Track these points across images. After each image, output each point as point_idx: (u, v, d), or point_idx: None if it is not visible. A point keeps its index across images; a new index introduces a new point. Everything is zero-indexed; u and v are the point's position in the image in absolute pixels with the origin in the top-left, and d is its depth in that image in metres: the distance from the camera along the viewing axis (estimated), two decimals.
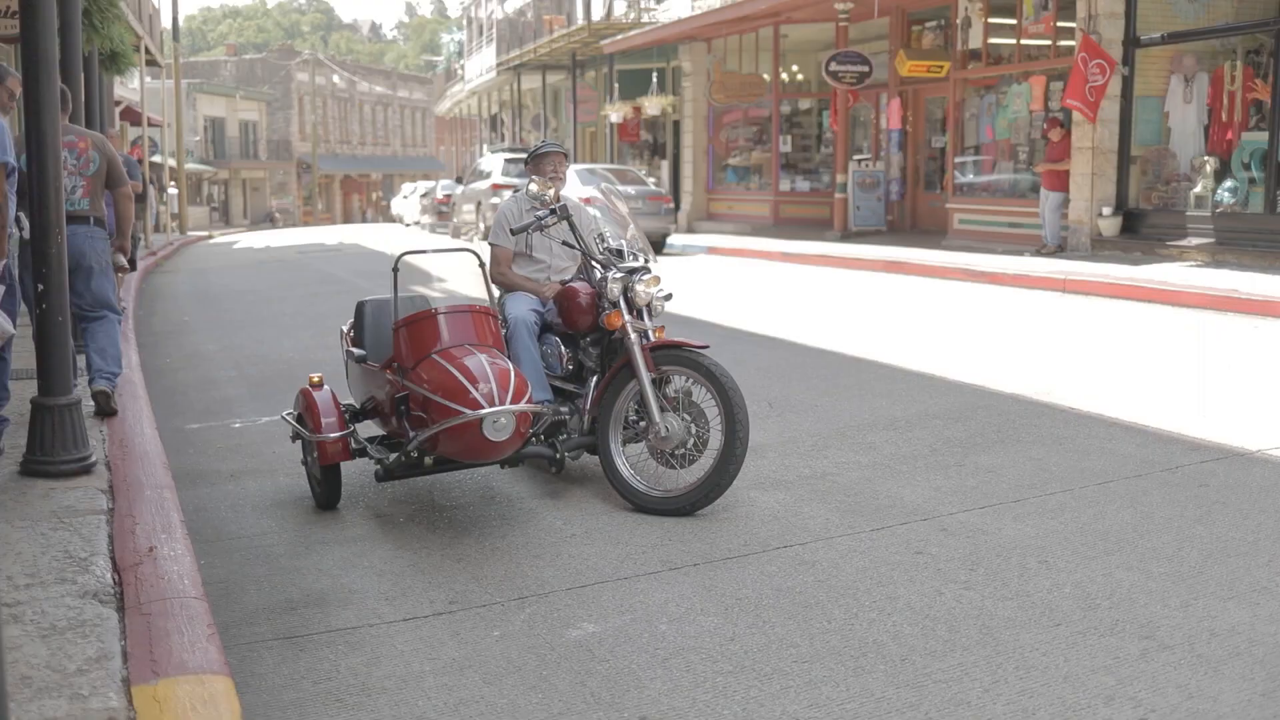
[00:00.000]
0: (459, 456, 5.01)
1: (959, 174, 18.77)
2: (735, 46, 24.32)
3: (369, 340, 5.88)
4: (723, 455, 5.11)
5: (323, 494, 5.49)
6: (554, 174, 6.14)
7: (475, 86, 43.85)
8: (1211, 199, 14.43)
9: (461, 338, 5.15)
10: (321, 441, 5.32)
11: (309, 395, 5.54)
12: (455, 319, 5.22)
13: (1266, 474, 5.47)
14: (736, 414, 5.08)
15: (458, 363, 4.94)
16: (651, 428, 5.28)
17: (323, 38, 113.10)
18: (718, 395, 5.15)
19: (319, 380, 5.61)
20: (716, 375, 5.17)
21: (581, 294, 5.71)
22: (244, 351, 10.59)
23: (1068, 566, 4.39)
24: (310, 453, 5.55)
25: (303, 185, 66.54)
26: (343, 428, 5.39)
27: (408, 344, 5.16)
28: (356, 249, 25.92)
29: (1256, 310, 10.58)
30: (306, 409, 5.51)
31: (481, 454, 4.94)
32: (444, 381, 4.89)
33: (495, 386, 4.82)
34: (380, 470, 5.20)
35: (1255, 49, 14.64)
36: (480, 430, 4.75)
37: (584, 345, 5.77)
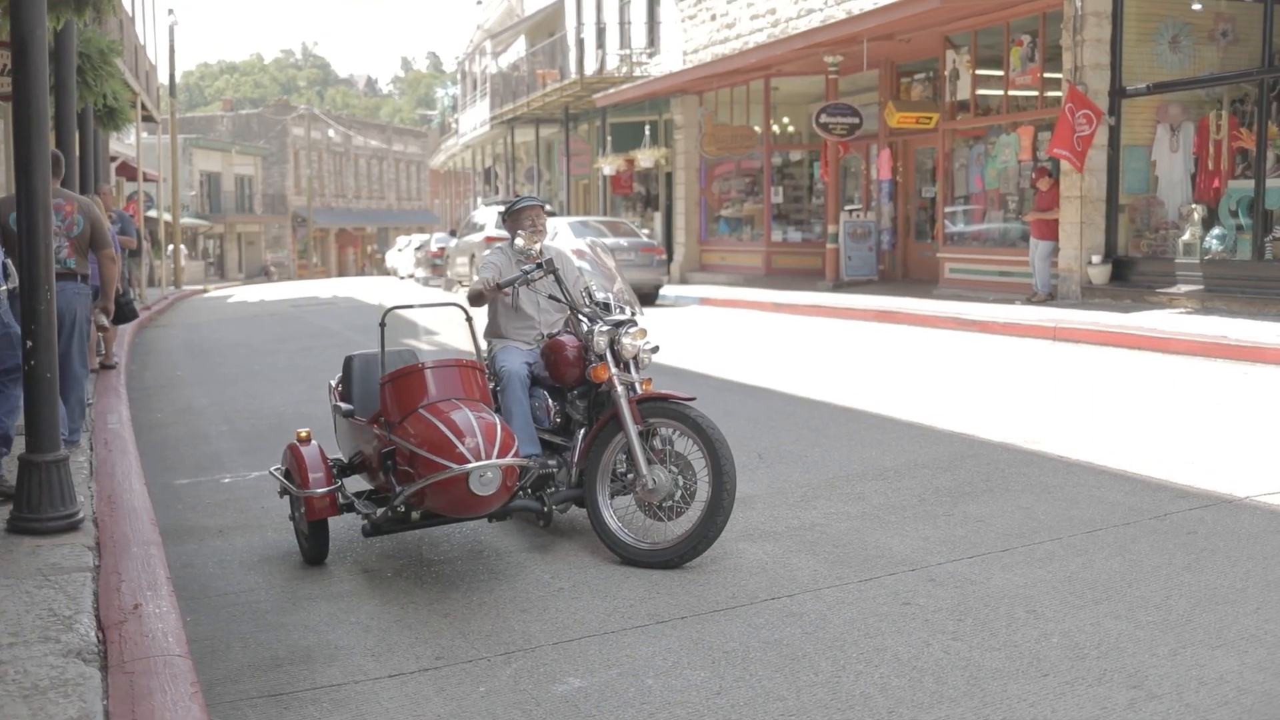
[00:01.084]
0: (446, 511, 5.00)
1: (949, 223, 18.89)
2: (726, 99, 24.54)
3: (356, 395, 5.89)
4: (710, 508, 5.10)
5: (310, 549, 5.46)
6: (533, 227, 6.17)
7: (469, 140, 44.16)
8: (1200, 246, 14.52)
9: (448, 392, 5.15)
10: (309, 497, 5.32)
11: (296, 450, 5.54)
12: (442, 373, 5.23)
13: (1255, 521, 5.47)
14: (723, 466, 5.08)
15: (444, 417, 4.94)
16: (639, 480, 5.28)
17: (319, 92, 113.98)
18: (704, 447, 5.16)
19: (307, 435, 5.61)
20: (703, 427, 5.17)
21: (568, 347, 5.73)
22: (235, 406, 10.59)
23: (1056, 616, 4.38)
24: (298, 508, 5.53)
25: (298, 239, 66.80)
26: (330, 483, 5.38)
27: (394, 399, 5.16)
28: (350, 302, 25.98)
29: (1246, 356, 10.61)
30: (294, 464, 5.50)
31: (468, 509, 4.93)
32: (430, 436, 4.88)
33: (481, 441, 4.82)
34: (367, 525, 5.18)
35: (1240, 98, 14.80)
36: (467, 485, 4.75)
37: (571, 398, 5.78)
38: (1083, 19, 15.23)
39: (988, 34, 17.70)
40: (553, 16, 36.37)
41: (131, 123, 21.69)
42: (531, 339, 6.13)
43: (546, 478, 5.59)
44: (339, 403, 5.92)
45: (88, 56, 12.59)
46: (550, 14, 36.61)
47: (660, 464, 5.31)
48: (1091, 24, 15.21)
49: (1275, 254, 13.57)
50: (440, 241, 32.48)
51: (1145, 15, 15.43)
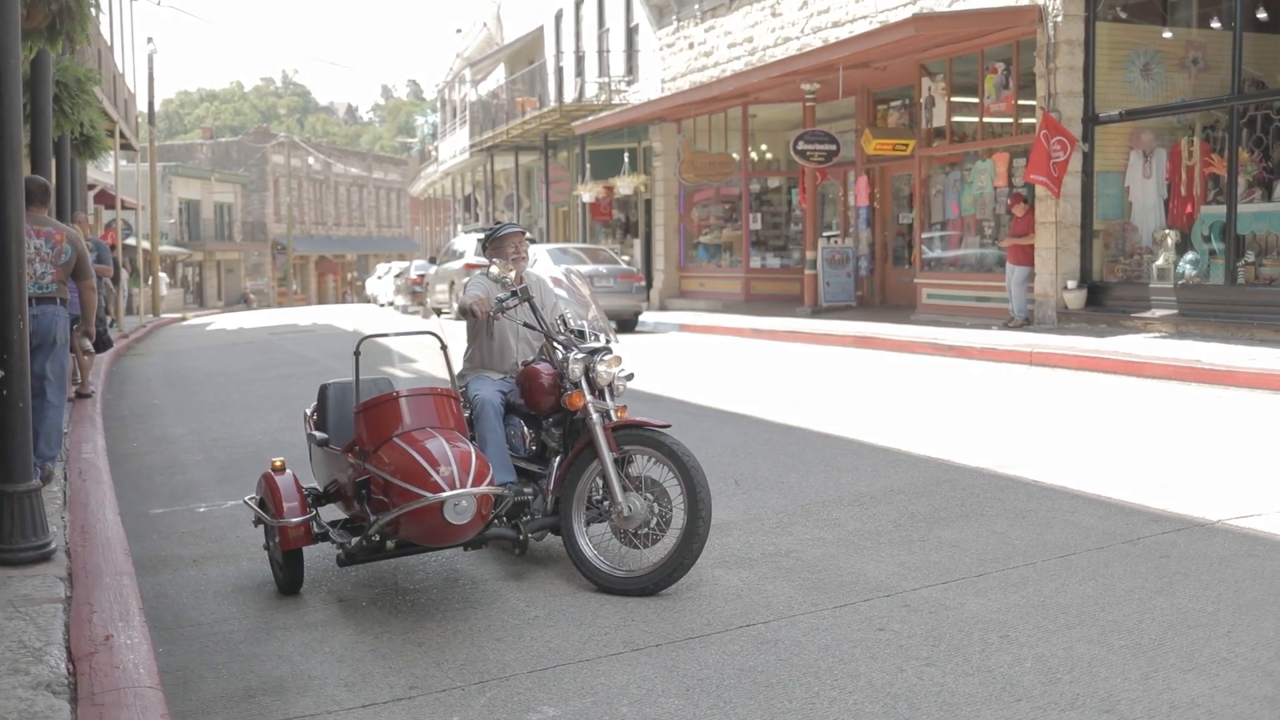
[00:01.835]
0: (421, 540, 4.98)
1: (926, 249, 19.00)
2: (705, 126, 24.66)
3: (331, 423, 5.86)
4: (685, 535, 5.10)
5: (285, 579, 5.43)
6: (516, 255, 6.18)
7: (449, 167, 44.25)
8: (1174, 271, 14.65)
9: (423, 420, 5.14)
10: (283, 526, 5.28)
11: (271, 480, 5.51)
12: (416, 402, 5.22)
13: (1227, 544, 5.51)
14: (699, 493, 5.09)
15: (418, 445, 4.93)
16: (614, 508, 5.28)
17: (299, 120, 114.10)
18: (680, 475, 5.16)
19: (281, 464, 5.59)
20: (678, 454, 5.18)
21: (543, 374, 5.73)
22: (212, 434, 10.54)
23: (1029, 641, 4.40)
24: (272, 537, 5.50)
25: (277, 266, 66.70)
26: (304, 512, 5.36)
27: (368, 427, 5.16)
28: (329, 330, 25.93)
29: (1219, 380, 10.70)
30: (269, 493, 5.48)
31: (443, 537, 4.91)
32: (404, 464, 4.87)
33: (456, 469, 4.81)
34: (342, 555, 5.16)
35: (1211, 125, 14.97)
36: (441, 513, 4.73)
37: (547, 426, 5.78)
38: (1055, 47, 15.40)
39: (962, 62, 17.86)
40: (532, 45, 36.54)
41: (108, 151, 21.65)
42: (508, 368, 6.13)
43: (522, 505, 5.58)
44: (314, 431, 5.89)
45: (65, 85, 12.58)
46: (529, 42, 36.78)
47: (636, 491, 5.31)
48: (1064, 52, 15.38)
49: (1248, 279, 13.70)
50: (420, 269, 32.49)
51: (1117, 43, 15.61)
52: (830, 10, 20.09)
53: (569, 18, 32.74)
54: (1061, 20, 15.29)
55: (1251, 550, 5.39)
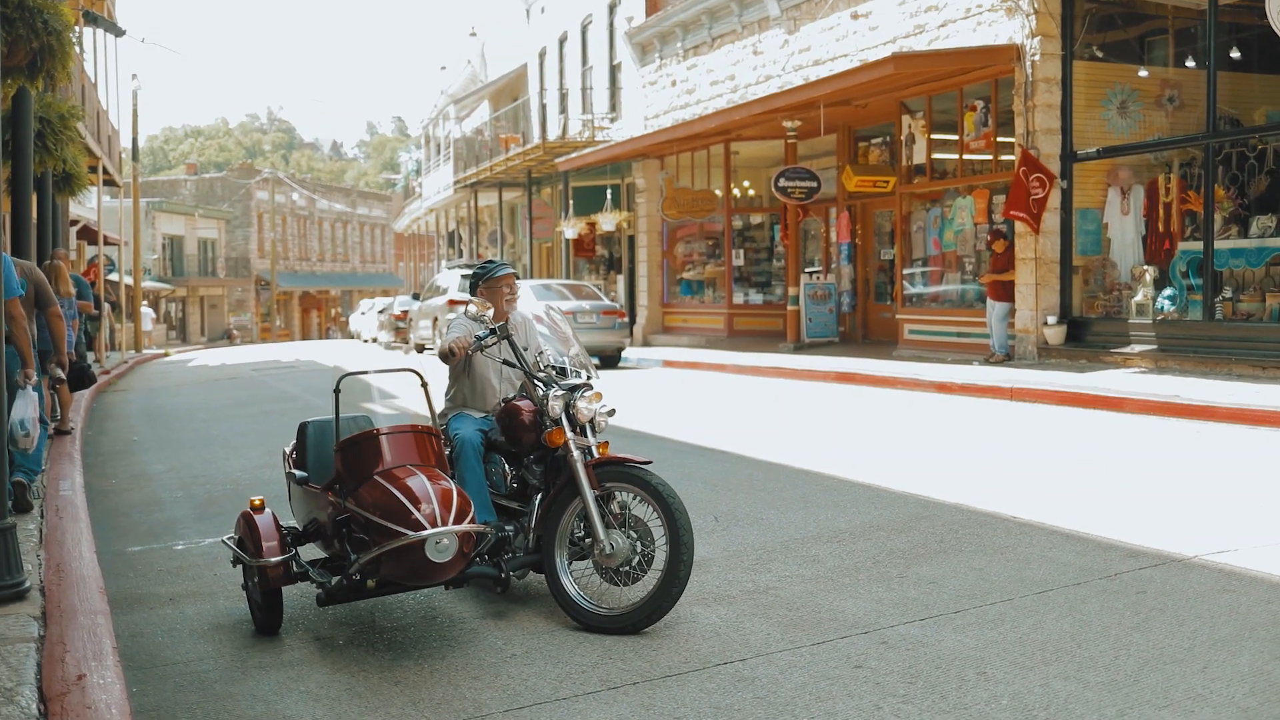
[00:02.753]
0: (402, 579, 4.95)
1: (908, 285, 19.10)
2: (687, 163, 24.81)
3: (311, 461, 5.84)
4: (667, 573, 5.09)
5: (264, 619, 5.39)
6: (509, 296, 6.20)
7: (433, 203, 44.35)
8: (1152, 307, 14.76)
9: (403, 458, 5.12)
10: (262, 566, 5.24)
11: (250, 518, 5.48)
12: (397, 439, 5.20)
13: (1203, 580, 5.52)
14: (681, 532, 5.08)
15: (399, 483, 4.91)
16: (596, 545, 5.26)
17: (284, 156, 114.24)
18: (662, 512, 5.16)
19: (260, 503, 5.55)
20: (661, 492, 5.18)
21: (524, 411, 5.72)
22: (191, 471, 10.50)
23: (1006, 677, 4.40)
24: (251, 577, 5.44)
25: (261, 302, 66.60)
26: (284, 551, 5.32)
27: (348, 465, 5.14)
28: (312, 366, 25.88)
29: (1198, 415, 10.76)
30: (247, 533, 5.44)
31: (424, 576, 4.88)
32: (385, 503, 4.85)
33: (437, 507, 4.80)
34: (322, 594, 5.13)
35: (1188, 162, 15.12)
36: (423, 552, 4.71)
37: (528, 463, 5.76)
38: (1033, 85, 15.56)
39: (942, 99, 18.04)
40: (516, 82, 36.75)
41: (89, 188, 21.64)
42: (489, 407, 6.11)
43: (503, 543, 5.56)
44: (293, 470, 5.86)
45: (47, 121, 12.61)
46: (513, 80, 36.99)
47: (618, 528, 5.29)
48: (1042, 90, 15.54)
49: (1225, 314, 13.80)
50: (403, 305, 32.48)
51: (1094, 81, 15.79)
52: (811, 49, 20.28)
53: (553, 56, 32.96)
54: (1039, 59, 15.46)
55: (1227, 586, 5.41)
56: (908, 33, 17.73)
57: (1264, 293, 13.54)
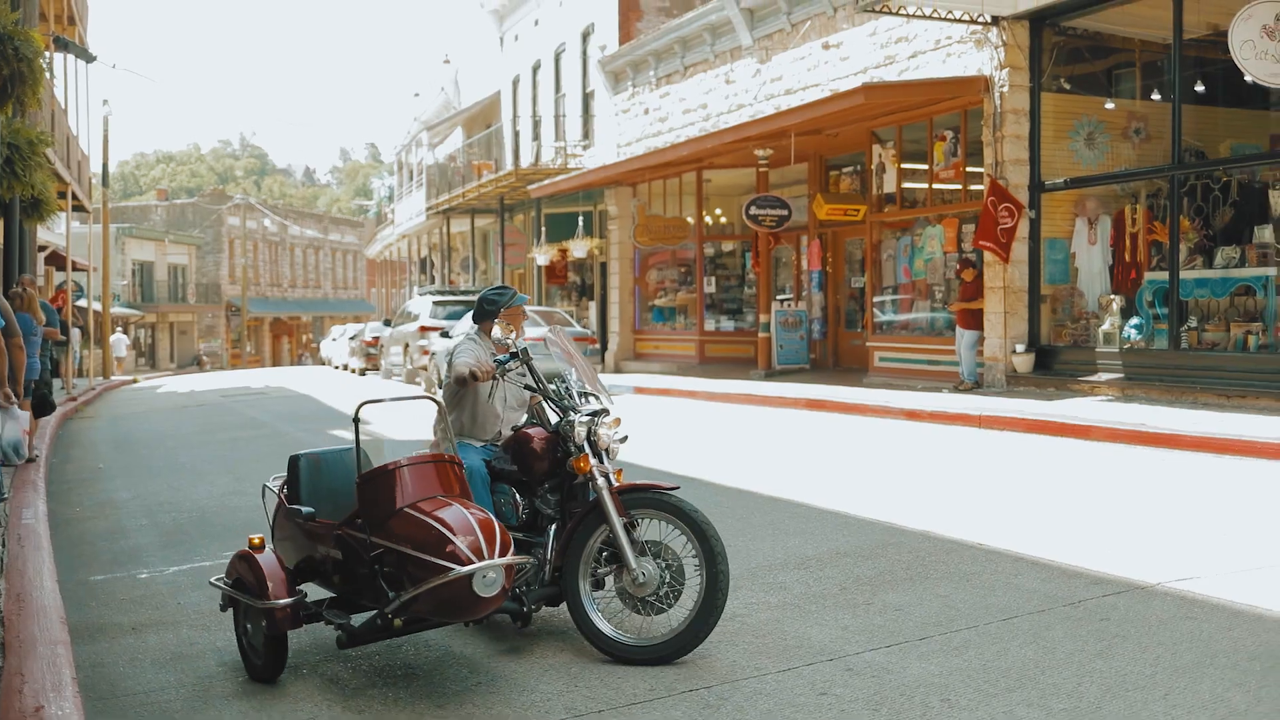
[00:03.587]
0: (441, 615, 4.72)
1: (878, 313, 19.20)
2: (659, 190, 24.90)
3: (309, 495, 5.48)
4: (705, 600, 4.98)
5: (265, 665, 5.07)
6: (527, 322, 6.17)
7: (406, 230, 44.32)
8: (1119, 336, 14.88)
9: (430, 489, 4.90)
10: (273, 609, 4.93)
11: (251, 559, 5.17)
12: (424, 470, 4.97)
13: (1166, 607, 5.56)
14: (717, 559, 4.98)
15: (436, 515, 4.69)
16: (628, 574, 5.11)
17: (256, 182, 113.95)
18: (696, 538, 5.05)
19: (259, 542, 5.25)
20: (695, 518, 5.07)
21: (535, 439, 5.59)
22: (157, 499, 10.41)
23: (970, 705, 4.41)
24: (256, 621, 5.08)
25: (231, 328, 66.25)
26: (291, 593, 5.05)
27: (374, 498, 4.87)
28: (282, 392, 25.74)
29: (1164, 444, 10.84)
30: (250, 574, 5.12)
31: (467, 612, 4.65)
32: (425, 536, 4.61)
33: (482, 539, 4.59)
34: (343, 636, 4.88)
35: (1154, 193, 15.29)
36: (469, 586, 4.50)
37: (542, 493, 5.59)
38: (1002, 116, 15.72)
39: (912, 129, 18.19)
40: (489, 109, 36.83)
41: (58, 213, 21.52)
42: (489, 436, 5.94)
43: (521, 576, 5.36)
44: (292, 505, 5.40)
45: (17, 148, 12.55)
46: (486, 107, 37.08)
47: (648, 556, 5.15)
48: (1010, 121, 15.70)
49: (1190, 344, 13.94)
50: (374, 331, 32.35)
51: (1062, 113, 15.97)
52: (783, 78, 20.43)
53: (526, 83, 33.07)
54: (1007, 90, 15.64)
55: (1189, 613, 5.44)
56: (878, 63, 17.89)
57: (1228, 323, 13.69)
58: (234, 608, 5.31)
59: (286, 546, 5.48)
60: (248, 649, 5.21)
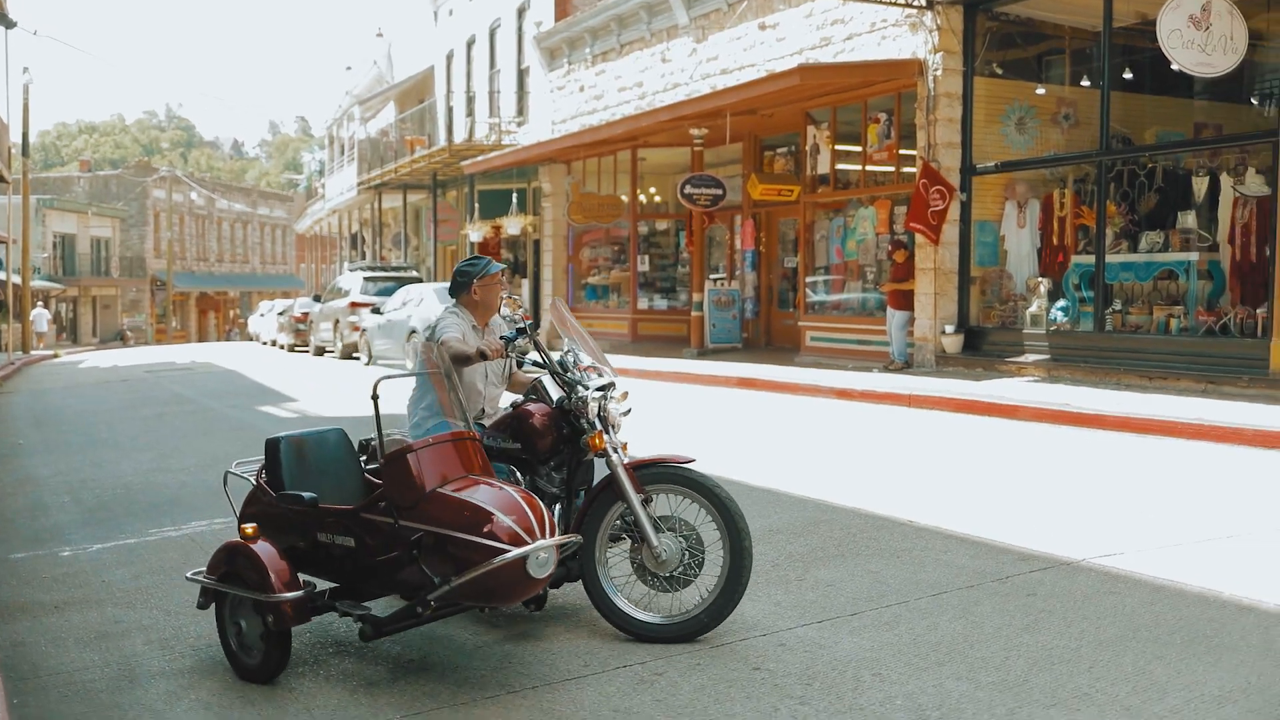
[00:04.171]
0: (486, 599, 4.52)
1: (810, 293, 19.33)
2: (594, 168, 24.82)
3: (296, 480, 5.13)
4: (730, 575, 4.92)
5: (265, 664, 4.72)
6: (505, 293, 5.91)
7: (336, 205, 43.77)
8: (1046, 318, 15.12)
9: (457, 469, 4.68)
10: (282, 603, 4.61)
11: (248, 550, 4.78)
12: (447, 450, 4.73)
13: (1090, 582, 5.67)
14: (741, 534, 4.91)
15: (480, 496, 4.50)
16: (648, 551, 5.00)
17: (182, 154, 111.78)
18: (718, 511, 4.96)
19: (254, 532, 4.85)
20: (715, 492, 4.98)
21: (537, 415, 5.42)
22: (80, 475, 10.20)
23: (900, 678, 4.47)
24: (255, 616, 4.76)
25: (157, 303, 65.06)
26: (297, 585, 4.72)
27: (407, 479, 4.61)
28: (209, 368, 25.34)
29: (1088, 424, 11.04)
30: (250, 567, 4.75)
31: (518, 594, 4.48)
32: (473, 518, 4.40)
33: (532, 519, 4.42)
34: (368, 629, 4.61)
35: (1081, 178, 15.54)
36: (524, 568, 4.32)
37: (546, 471, 5.42)
38: (935, 100, 15.86)
39: (846, 111, 18.29)
40: (422, 84, 36.45)
41: None
42: (474, 413, 5.70)
43: None
44: (286, 491, 5.03)
45: None
46: (420, 82, 36.68)
47: (668, 532, 5.05)
48: (944, 104, 15.85)
49: (1115, 326, 14.20)
50: (304, 306, 31.93)
51: (993, 97, 16.14)
52: (719, 58, 20.43)
53: (460, 58, 32.76)
54: (941, 74, 15.77)
55: (1112, 588, 5.56)
56: (814, 45, 17.96)
57: (1151, 306, 13.96)
58: (217, 604, 4.95)
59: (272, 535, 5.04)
60: (238, 648, 4.85)
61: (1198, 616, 5.10)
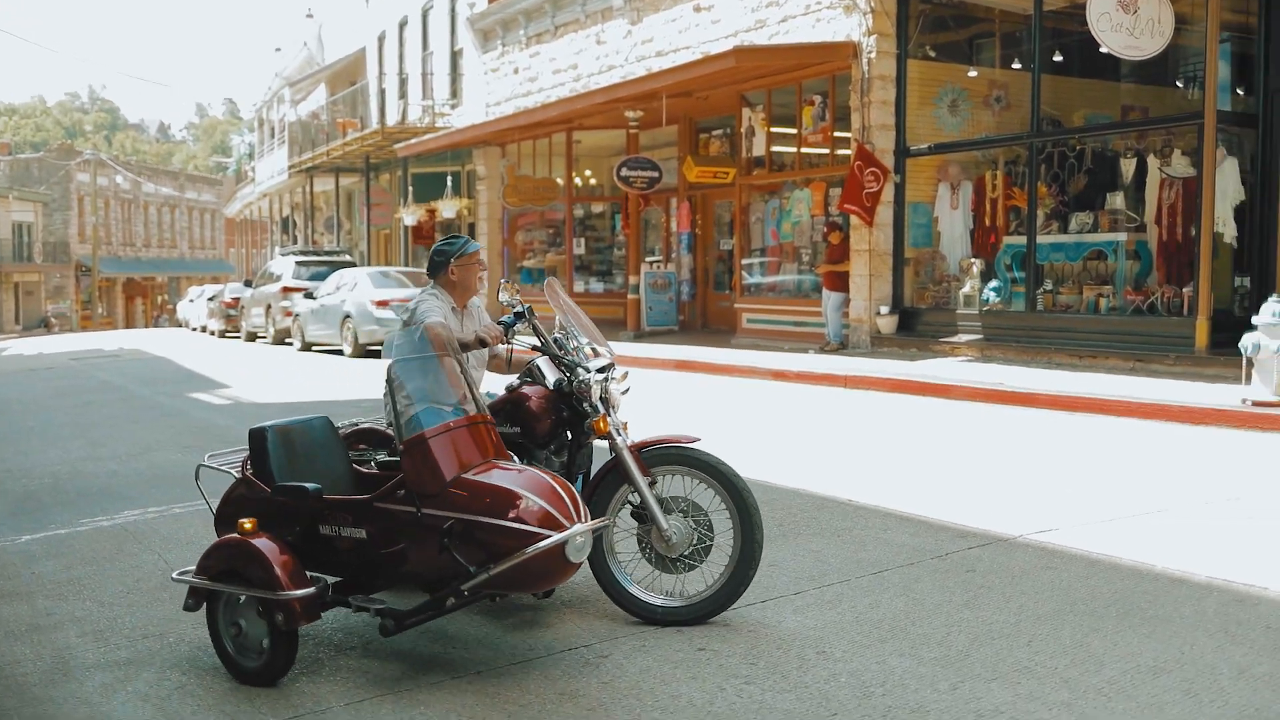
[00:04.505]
0: (520, 586, 4.42)
1: (746, 275, 19.40)
2: (529, 151, 24.68)
3: (286, 471, 4.88)
4: (742, 555, 4.88)
5: (270, 666, 4.46)
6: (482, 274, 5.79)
7: (267, 188, 43.14)
8: (979, 298, 15.31)
9: (475, 454, 4.52)
10: (293, 600, 4.35)
11: (249, 547, 4.51)
12: (464, 434, 4.56)
13: (1027, 558, 5.75)
14: (751, 512, 4.88)
15: (511, 481, 4.37)
16: (658, 533, 4.95)
17: (107, 137, 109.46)
18: (727, 491, 4.93)
19: (254, 526, 4.56)
20: (724, 472, 4.95)
21: (534, 399, 5.30)
22: (5, 465, 9.97)
23: (844, 656, 4.50)
24: (259, 616, 4.49)
25: (82, 289, 63.74)
26: (307, 581, 4.46)
27: (430, 466, 4.42)
28: (138, 355, 24.89)
29: (1021, 403, 11.20)
30: (254, 562, 4.47)
31: (553, 581, 4.41)
32: (508, 504, 4.27)
33: (569, 502, 4.33)
34: (389, 623, 4.42)
35: (1013, 160, 15.73)
36: (563, 554, 4.22)
37: (545, 455, 5.30)
38: (869, 82, 15.95)
39: (781, 94, 18.35)
40: (354, 66, 35.98)
41: None
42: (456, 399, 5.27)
43: None
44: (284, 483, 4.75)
45: None
46: (351, 63, 36.21)
47: (677, 514, 4.99)
48: (877, 87, 15.95)
49: (1046, 306, 14.42)
50: (235, 292, 31.46)
51: (927, 80, 16.28)
52: (654, 40, 20.39)
53: (392, 40, 32.38)
54: (875, 57, 15.86)
55: (1049, 564, 5.64)
56: (749, 27, 17.98)
57: (1081, 286, 14.19)
58: (209, 605, 4.66)
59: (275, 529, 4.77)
60: (235, 651, 4.58)
61: (1132, 589, 5.20)
